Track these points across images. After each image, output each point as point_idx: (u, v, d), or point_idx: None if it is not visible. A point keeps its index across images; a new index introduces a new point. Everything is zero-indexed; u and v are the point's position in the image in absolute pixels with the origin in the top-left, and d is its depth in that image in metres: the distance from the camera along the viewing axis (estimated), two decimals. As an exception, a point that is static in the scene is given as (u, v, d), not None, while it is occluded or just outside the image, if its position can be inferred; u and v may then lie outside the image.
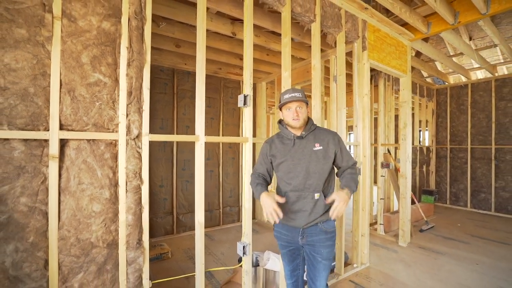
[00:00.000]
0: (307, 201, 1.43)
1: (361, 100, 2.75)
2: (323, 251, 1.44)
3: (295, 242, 1.50)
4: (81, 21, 1.30)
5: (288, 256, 1.57)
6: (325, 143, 1.46)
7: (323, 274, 1.47)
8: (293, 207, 1.45)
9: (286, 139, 1.50)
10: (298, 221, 1.45)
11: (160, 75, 3.72)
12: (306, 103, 1.47)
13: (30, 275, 1.19)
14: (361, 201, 2.72)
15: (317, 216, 1.43)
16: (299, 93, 1.44)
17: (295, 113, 1.42)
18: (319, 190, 1.43)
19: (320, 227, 1.44)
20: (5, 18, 1.13)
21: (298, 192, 1.44)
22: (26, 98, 1.18)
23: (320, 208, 1.43)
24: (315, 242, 1.45)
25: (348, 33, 2.60)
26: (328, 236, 1.46)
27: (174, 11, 2.43)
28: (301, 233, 1.46)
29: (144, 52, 1.49)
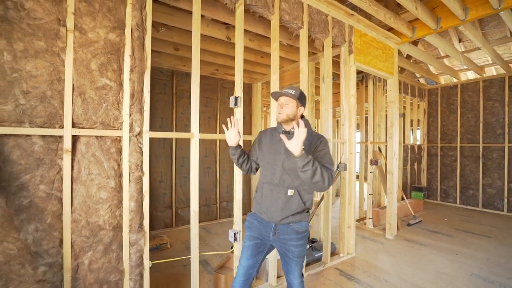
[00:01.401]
0: (280, 196, 1.43)
1: (347, 101, 2.94)
2: (294, 250, 1.45)
3: (266, 237, 1.49)
4: (91, 33, 1.50)
5: (251, 250, 1.49)
6: (308, 143, 1.43)
7: (296, 268, 1.49)
8: (266, 200, 1.46)
9: (276, 132, 1.53)
10: (270, 214, 1.44)
11: (160, 76, 3.92)
12: (296, 101, 1.44)
13: (47, 251, 1.39)
14: (347, 196, 2.91)
15: (289, 214, 1.42)
16: (292, 90, 1.45)
17: (280, 106, 1.45)
18: (293, 187, 1.42)
19: (292, 226, 1.43)
20: (27, 32, 1.33)
21: (273, 185, 1.45)
22: (44, 100, 1.37)
23: (293, 205, 1.42)
24: (287, 240, 1.44)
25: (335, 38, 2.79)
26: (300, 236, 1.45)
27: (173, 18, 2.63)
28: (273, 229, 1.46)
29: (145, 59, 1.69)
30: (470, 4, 2.87)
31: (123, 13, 1.61)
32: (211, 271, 2.61)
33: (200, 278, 2.24)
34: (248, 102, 4.86)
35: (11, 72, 1.30)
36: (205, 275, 2.52)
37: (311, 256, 2.76)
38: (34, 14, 1.35)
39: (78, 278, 1.47)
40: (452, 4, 2.70)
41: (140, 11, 1.65)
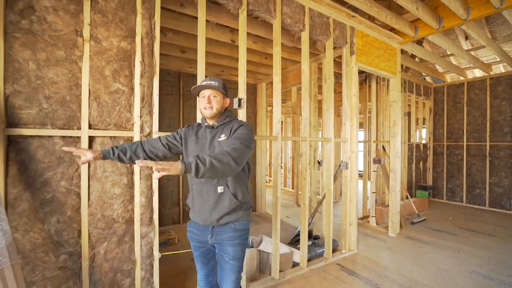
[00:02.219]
0: (209, 195, 1.32)
1: (349, 101, 3.01)
2: (229, 250, 1.34)
3: (206, 241, 1.39)
4: (105, 42, 1.63)
5: (201, 259, 1.45)
6: (229, 132, 1.33)
7: (230, 275, 1.35)
8: (197, 201, 1.36)
9: (201, 129, 1.43)
10: (203, 217, 1.34)
11: (167, 78, 4.06)
12: (223, 93, 1.38)
13: (68, 241, 1.53)
14: (349, 193, 2.99)
15: (224, 213, 1.31)
16: (215, 81, 1.35)
17: (208, 100, 1.33)
18: (222, 184, 1.32)
19: (230, 225, 1.35)
20: (49, 43, 1.47)
21: (201, 184, 1.34)
22: (64, 104, 1.51)
23: (225, 202, 1.32)
24: (223, 240, 1.34)
25: (336, 40, 2.86)
26: (237, 234, 1.35)
27: (179, 23, 2.75)
28: (211, 232, 1.35)
29: (154, 64, 1.81)
30: (472, 3, 2.89)
31: (134, 22, 1.73)
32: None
33: (206, 270, 2.36)
34: (253, 102, 4.96)
35: (35, 79, 1.44)
36: (211, 268, 2.64)
37: (313, 251, 2.85)
38: (55, 26, 1.48)
39: (94, 266, 1.61)
40: (453, 4, 2.74)
41: (149, 20, 1.77)
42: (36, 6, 1.44)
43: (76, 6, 1.54)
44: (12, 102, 1.39)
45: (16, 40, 1.39)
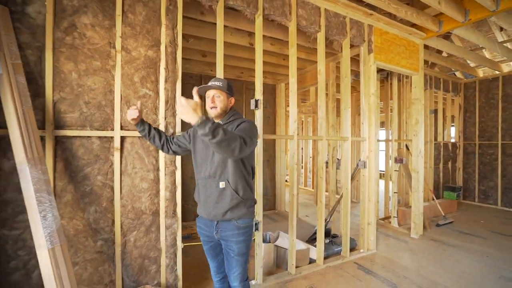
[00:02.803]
0: (212, 190, 1.39)
1: (367, 100, 2.99)
2: (234, 247, 1.40)
3: (212, 236, 1.46)
4: (134, 52, 1.82)
5: (211, 252, 1.55)
6: (235, 128, 1.38)
7: (236, 269, 1.44)
8: (202, 196, 1.45)
9: None
10: (207, 211, 1.42)
11: (189, 81, 4.28)
12: (227, 93, 1.43)
13: (103, 229, 1.74)
14: (367, 193, 2.97)
15: (226, 208, 1.37)
16: (220, 82, 1.41)
17: (212, 100, 1.39)
18: (224, 179, 1.37)
19: (233, 223, 1.41)
20: (88, 55, 1.68)
21: (205, 179, 1.41)
22: (100, 108, 1.72)
23: (226, 197, 1.37)
24: (228, 237, 1.41)
25: (353, 39, 2.87)
26: (241, 231, 1.41)
27: (200, 29, 2.92)
28: (216, 227, 1.43)
29: (176, 70, 1.98)
30: (502, -6, 2.75)
31: (159, 32, 1.91)
32: (236, 258, 2.86)
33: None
34: (272, 103, 5.05)
35: (77, 87, 1.66)
36: (230, 262, 2.78)
37: (331, 249, 2.88)
38: (92, 40, 1.69)
39: (126, 252, 1.80)
40: (479, -4, 2.62)
41: (172, 30, 1.94)
42: (78, 23, 1.66)
43: (110, 22, 1.75)
44: (58, 108, 1.62)
45: (61, 54, 1.62)
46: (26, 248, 1.54)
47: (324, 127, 2.65)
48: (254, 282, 2.30)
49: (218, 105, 1.40)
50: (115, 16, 1.76)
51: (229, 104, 1.46)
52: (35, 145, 1.43)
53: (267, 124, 5.05)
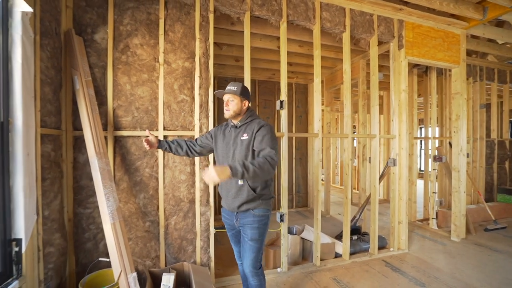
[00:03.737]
0: (232, 186, 1.54)
1: (397, 97, 2.94)
2: (248, 232, 1.55)
3: (233, 224, 1.64)
4: (173, 64, 2.15)
5: (233, 239, 1.74)
6: (251, 132, 1.52)
7: (249, 254, 1.56)
8: (223, 191, 1.61)
9: (228, 127, 1.67)
10: (227, 204, 1.61)
11: (224, 84, 4.61)
12: (240, 96, 1.55)
13: (150, 213, 2.10)
14: (398, 191, 2.92)
15: (242, 202, 1.52)
16: (235, 86, 1.55)
17: (226, 104, 1.57)
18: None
19: (251, 212, 1.55)
20: (138, 69, 2.05)
21: None
22: (147, 112, 2.09)
23: (243, 193, 1.51)
24: (245, 223, 1.56)
25: (381, 36, 2.85)
26: (256, 219, 1.54)
27: (232, 38, 3.19)
28: (236, 217, 1.60)
29: (209, 77, 2.26)
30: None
31: (194, 46, 2.21)
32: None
33: (254, 250, 2.73)
34: (304, 102, 5.14)
35: (130, 96, 2.04)
36: (260, 251, 3.00)
37: (358, 246, 2.91)
38: (141, 57, 2.07)
39: (167, 233, 2.15)
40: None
41: (205, 43, 2.23)
42: (130, 44, 2.04)
43: (155, 40, 2.10)
44: (116, 113, 2.02)
45: (118, 70, 2.01)
46: (95, 223, 1.97)
47: (349, 125, 2.70)
48: (279, 270, 2.48)
49: (231, 108, 1.55)
50: (159, 35, 2.10)
51: (243, 107, 1.58)
52: (101, 143, 1.84)
53: (299, 123, 5.15)
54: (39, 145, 1.55)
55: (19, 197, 1.38)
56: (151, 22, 2.10)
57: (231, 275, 2.41)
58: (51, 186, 1.71)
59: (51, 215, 1.70)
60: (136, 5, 2.06)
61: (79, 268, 1.94)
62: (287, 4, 2.46)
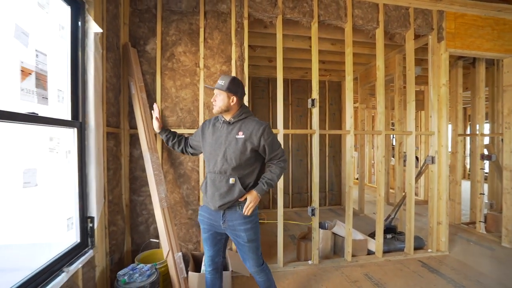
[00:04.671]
0: (221, 185, 1.44)
1: (436, 91, 2.81)
2: (243, 235, 1.47)
3: (217, 226, 1.51)
4: (212, 68, 2.38)
5: (210, 241, 1.58)
6: (248, 132, 1.45)
7: (249, 255, 1.52)
8: (210, 189, 1.49)
9: (218, 123, 1.55)
10: (214, 203, 1.46)
11: (258, 84, 4.79)
12: (226, 92, 1.45)
13: (192, 202, 2.36)
14: (436, 190, 2.81)
15: (232, 199, 1.44)
16: (222, 81, 1.46)
17: (213, 99, 1.49)
18: (234, 176, 1.44)
19: (239, 212, 1.47)
20: (181, 74, 2.32)
21: (215, 174, 1.47)
22: (190, 112, 2.34)
23: (235, 192, 1.43)
24: (235, 226, 1.47)
25: (418, 29, 2.76)
26: (247, 220, 1.47)
27: (265, 40, 3.34)
28: (222, 217, 1.48)
29: (244, 79, 2.43)
30: None
31: (230, 50, 2.41)
32: (294, 240, 3.18)
33: (287, 246, 2.87)
34: (337, 99, 5.09)
35: (175, 98, 2.31)
36: (291, 245, 3.12)
37: (393, 245, 2.86)
38: (184, 63, 2.32)
39: (207, 221, 2.38)
40: None
41: (240, 47, 2.41)
42: (175, 52, 2.31)
43: (195, 48, 2.34)
44: (163, 113, 2.31)
45: (165, 75, 2.29)
46: (146, 209, 2.28)
47: (383, 122, 2.68)
48: (310, 262, 2.58)
49: (217, 104, 1.48)
50: (199, 43, 2.34)
51: (230, 102, 1.47)
52: (152, 139, 2.13)
53: (333, 120, 5.12)
54: (105, 141, 1.87)
55: (92, 183, 1.70)
56: (193, 31, 2.34)
57: (264, 263, 2.57)
58: (114, 175, 2.04)
59: (113, 199, 2.03)
60: (179, 17, 2.32)
61: (134, 247, 2.27)
62: (318, 5, 2.53)
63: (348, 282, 2.27)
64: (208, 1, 2.36)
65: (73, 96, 1.62)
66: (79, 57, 1.65)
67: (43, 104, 1.36)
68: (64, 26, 1.57)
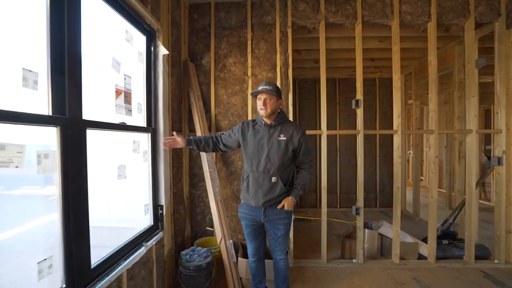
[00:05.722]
0: (264, 183, 1.60)
1: (504, 85, 2.53)
2: (281, 227, 1.66)
3: (258, 220, 1.68)
4: (259, 76, 2.60)
5: (253, 234, 1.76)
6: (289, 134, 1.60)
7: (282, 245, 1.72)
8: (253, 187, 1.63)
9: (258, 125, 1.68)
10: (257, 200, 1.62)
11: (305, 86, 4.87)
12: (276, 96, 1.60)
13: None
14: (505, 194, 2.52)
15: (274, 197, 1.60)
16: (270, 86, 1.59)
17: (263, 103, 1.58)
18: (276, 175, 1.59)
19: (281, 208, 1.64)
20: (232, 82, 2.60)
21: (258, 173, 1.61)
22: (239, 117, 2.61)
23: (276, 190, 1.60)
24: (276, 219, 1.65)
25: (480, 17, 2.53)
26: (288, 215, 1.68)
27: (310, 43, 3.42)
28: (264, 213, 1.65)
29: (288, 84, 2.60)
30: None
31: (275, 58, 2.60)
32: (338, 238, 3.20)
33: (332, 245, 2.94)
34: (388, 97, 4.82)
35: (226, 104, 2.61)
36: (336, 244, 3.15)
37: (450, 252, 2.68)
38: (234, 73, 2.60)
39: (255, 215, 2.62)
40: None
41: (284, 55, 2.58)
42: (226, 63, 2.61)
43: (244, 58, 2.60)
44: (217, 118, 2.63)
45: (218, 85, 2.61)
46: (203, 202, 2.63)
47: (436, 120, 2.53)
48: (354, 261, 2.61)
49: (269, 108, 1.59)
50: (247, 53, 2.59)
51: (278, 106, 1.64)
52: (207, 141, 2.46)
53: (384, 119, 4.88)
54: (171, 143, 2.25)
55: (161, 178, 2.09)
56: (241, 43, 2.61)
57: (308, 258, 2.70)
58: (177, 172, 2.43)
59: (177, 192, 2.42)
60: (230, 32, 2.61)
61: (193, 233, 2.64)
62: (362, 6, 2.54)
63: (394, 283, 2.25)
64: (255, 14, 2.59)
65: (147, 107, 2.03)
66: (151, 75, 2.05)
67: (128, 115, 1.77)
68: (141, 52, 1.98)
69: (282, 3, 2.56)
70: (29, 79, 0.97)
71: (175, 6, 2.37)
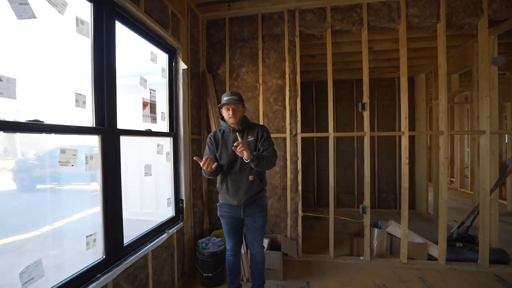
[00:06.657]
0: (243, 182, 1.74)
1: (521, 84, 2.45)
2: (259, 220, 1.80)
3: (238, 217, 1.81)
4: (269, 83, 2.82)
5: (232, 231, 1.87)
6: (255, 134, 1.78)
7: (259, 237, 1.85)
8: (233, 187, 1.75)
9: (227, 132, 1.82)
10: (238, 198, 1.74)
11: (322, 88, 4.95)
12: (241, 104, 1.76)
13: (254, 194, 2.87)
14: (523, 196, 2.45)
15: (253, 193, 1.75)
16: (235, 96, 1.74)
17: (231, 113, 1.73)
18: (253, 173, 1.73)
19: (257, 202, 1.79)
20: (245, 90, 2.85)
21: (236, 175, 1.75)
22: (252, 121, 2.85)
23: (254, 187, 1.75)
24: (254, 214, 1.79)
25: (495, 14, 2.48)
26: (262, 208, 1.82)
27: (323, 48, 3.50)
28: (243, 209, 1.78)
29: (297, 90, 2.79)
30: None
31: (284, 66, 2.80)
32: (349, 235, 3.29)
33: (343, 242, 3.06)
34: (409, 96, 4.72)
35: (240, 110, 2.87)
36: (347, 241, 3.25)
37: (463, 254, 2.66)
38: (247, 81, 2.86)
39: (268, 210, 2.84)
40: None
41: (292, 63, 2.77)
42: (240, 73, 2.87)
43: (255, 67, 2.84)
44: (232, 122, 2.89)
45: (232, 92, 2.88)
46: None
47: (445, 122, 2.54)
48: (361, 258, 2.71)
49: (237, 116, 1.75)
50: (258, 63, 2.83)
51: (243, 113, 1.83)
52: (222, 143, 2.74)
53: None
54: (190, 145, 2.57)
55: (182, 176, 2.41)
56: (253, 54, 2.85)
57: (316, 253, 2.86)
58: (196, 170, 2.74)
59: (196, 188, 2.73)
60: (242, 44, 2.87)
61: (210, 225, 2.94)
62: (367, 12, 2.63)
63: (398, 280, 2.32)
64: (265, 26, 2.82)
65: (169, 115, 2.36)
66: (173, 87, 2.38)
67: (153, 123, 2.10)
68: (164, 68, 2.32)
69: (290, 14, 2.75)
70: (79, 100, 1.31)
71: (193, 24, 2.68)
